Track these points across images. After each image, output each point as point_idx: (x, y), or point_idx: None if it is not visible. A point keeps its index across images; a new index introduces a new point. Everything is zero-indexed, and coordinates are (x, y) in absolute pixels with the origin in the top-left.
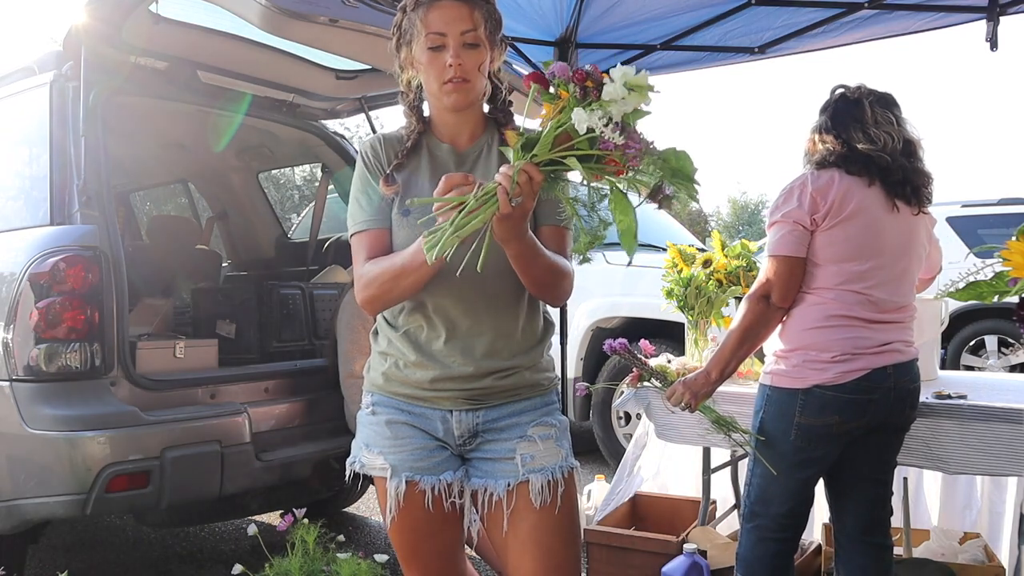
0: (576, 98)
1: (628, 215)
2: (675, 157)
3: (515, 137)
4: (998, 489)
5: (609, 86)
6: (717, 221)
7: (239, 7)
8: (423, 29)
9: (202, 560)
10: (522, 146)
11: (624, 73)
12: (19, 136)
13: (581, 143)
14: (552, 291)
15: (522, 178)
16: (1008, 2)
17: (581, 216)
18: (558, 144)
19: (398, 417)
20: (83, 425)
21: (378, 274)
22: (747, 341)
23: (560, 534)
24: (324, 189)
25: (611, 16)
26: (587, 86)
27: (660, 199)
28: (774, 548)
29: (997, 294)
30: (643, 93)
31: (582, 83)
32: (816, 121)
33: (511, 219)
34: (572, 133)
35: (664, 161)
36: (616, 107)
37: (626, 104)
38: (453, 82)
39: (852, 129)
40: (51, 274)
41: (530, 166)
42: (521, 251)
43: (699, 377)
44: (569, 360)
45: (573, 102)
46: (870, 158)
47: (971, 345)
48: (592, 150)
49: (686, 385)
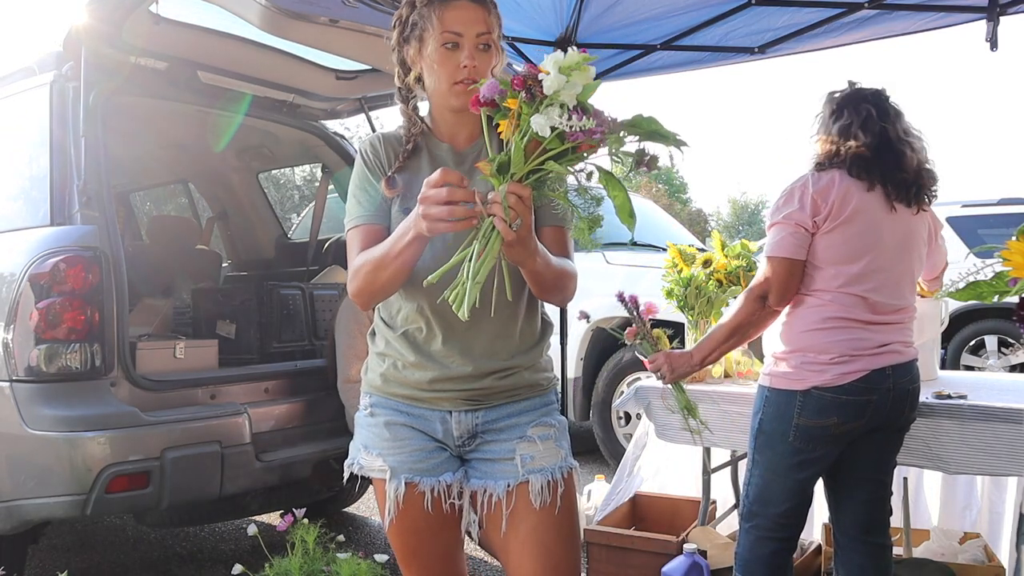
0: (525, 103)
1: (620, 190)
2: (645, 121)
3: (487, 166)
4: (998, 489)
5: (547, 78)
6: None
7: (239, 7)
8: (439, 26)
9: (202, 560)
10: (497, 169)
11: (555, 60)
12: (19, 136)
13: (551, 143)
14: (559, 295)
15: (511, 200)
16: (1008, 2)
17: (576, 205)
18: (530, 153)
19: (397, 418)
20: (83, 425)
21: (361, 265)
22: (735, 336)
23: (560, 534)
24: (324, 189)
25: (611, 16)
26: (530, 86)
27: (647, 162)
28: (773, 548)
29: (997, 294)
30: (584, 69)
31: (524, 87)
32: (820, 120)
33: (519, 242)
34: (538, 139)
35: (636, 126)
36: (566, 93)
37: (574, 87)
38: (464, 83)
39: (855, 129)
40: (51, 274)
41: (514, 185)
42: (536, 267)
43: (683, 356)
44: (569, 360)
45: (526, 108)
46: (873, 158)
47: (971, 345)
48: (564, 144)
49: (668, 357)
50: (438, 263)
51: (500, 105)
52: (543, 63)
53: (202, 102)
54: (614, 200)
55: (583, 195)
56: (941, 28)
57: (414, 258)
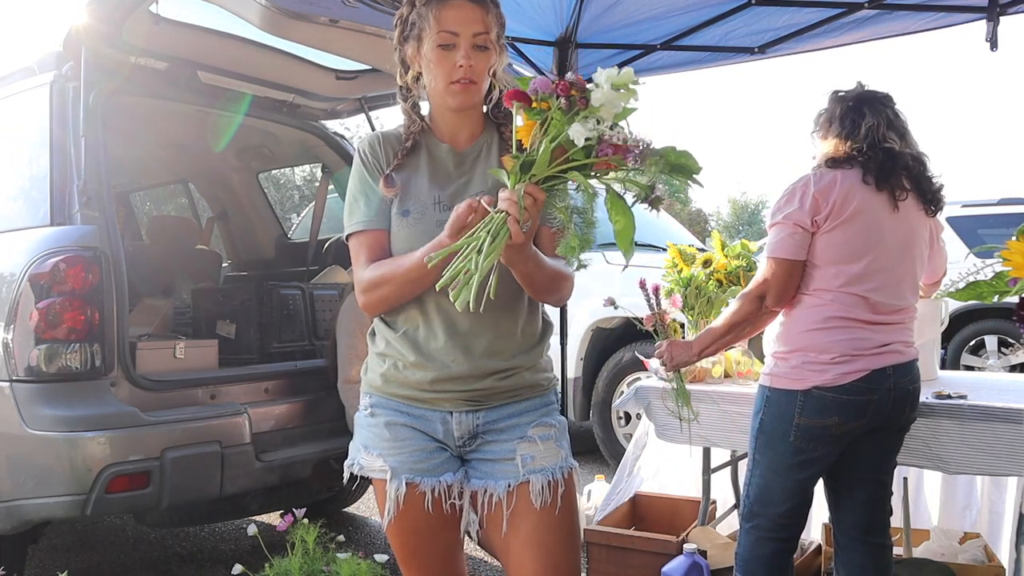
0: (561, 110)
1: (624, 216)
2: (674, 154)
3: (511, 161)
4: (998, 489)
5: (597, 92)
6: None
7: (239, 7)
8: (435, 26)
9: (202, 560)
10: (520, 167)
11: (608, 76)
12: (19, 136)
13: (576, 154)
14: (554, 296)
15: (527, 201)
16: (1008, 2)
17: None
18: (554, 159)
19: (397, 419)
20: (83, 425)
21: (381, 279)
22: (731, 333)
23: (560, 534)
24: (324, 189)
25: (611, 16)
26: (572, 95)
27: (652, 200)
28: (773, 548)
29: (997, 294)
30: (631, 91)
31: (567, 94)
32: (828, 119)
33: (522, 244)
34: (567, 146)
35: (662, 158)
36: (606, 110)
37: (617, 106)
38: (461, 83)
39: (858, 130)
40: (51, 274)
41: (532, 187)
42: (528, 270)
43: (684, 345)
44: (569, 360)
45: (558, 115)
46: (876, 159)
47: (971, 345)
48: (588, 159)
49: (671, 345)
50: None
51: (534, 103)
52: (595, 75)
53: (202, 102)
54: (615, 224)
55: (581, 214)
56: (941, 28)
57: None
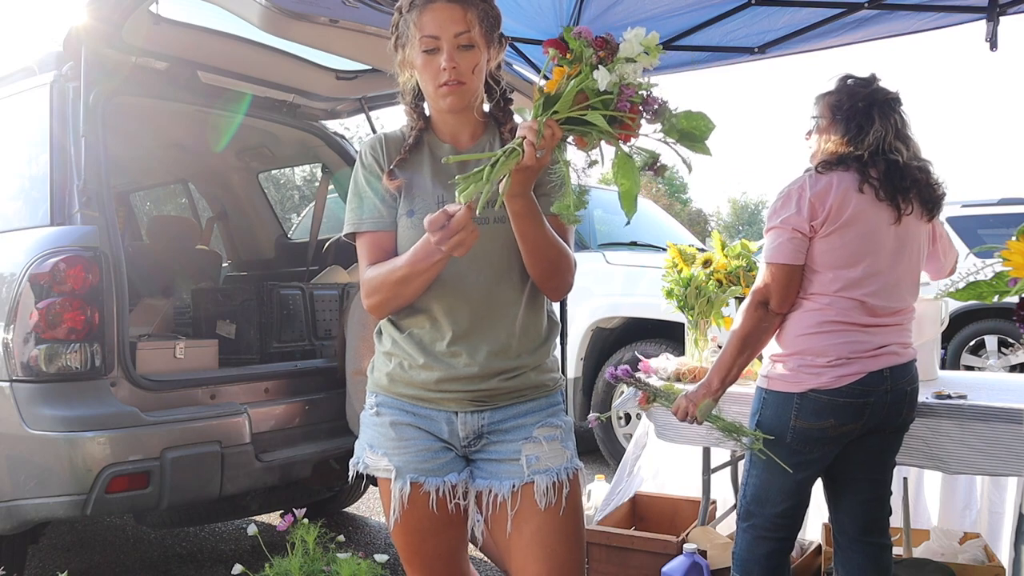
0: (591, 64)
1: (630, 178)
2: (687, 118)
3: (538, 94)
4: (998, 489)
5: (625, 43)
6: (717, 221)
7: (239, 7)
8: (416, 32)
9: (202, 560)
10: (544, 102)
11: (636, 33)
12: (19, 136)
13: (596, 104)
14: (558, 278)
15: (547, 131)
16: (1008, 2)
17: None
18: (576, 104)
19: (403, 418)
20: (83, 426)
21: (382, 280)
22: (747, 348)
23: (564, 535)
24: (324, 189)
25: (611, 16)
26: (606, 48)
27: (657, 168)
28: (770, 547)
29: (997, 294)
30: (654, 55)
31: (602, 47)
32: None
33: (529, 171)
34: (590, 94)
35: (676, 120)
36: (630, 69)
37: (638, 66)
38: (448, 85)
39: (865, 136)
40: (51, 275)
41: (551, 122)
42: (527, 207)
43: (700, 389)
44: (569, 360)
45: (588, 68)
46: (880, 169)
47: (971, 345)
48: (608, 110)
49: (688, 399)
50: (456, 265)
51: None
52: (626, 32)
53: (202, 102)
54: (620, 187)
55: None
56: (941, 28)
57: (437, 272)
